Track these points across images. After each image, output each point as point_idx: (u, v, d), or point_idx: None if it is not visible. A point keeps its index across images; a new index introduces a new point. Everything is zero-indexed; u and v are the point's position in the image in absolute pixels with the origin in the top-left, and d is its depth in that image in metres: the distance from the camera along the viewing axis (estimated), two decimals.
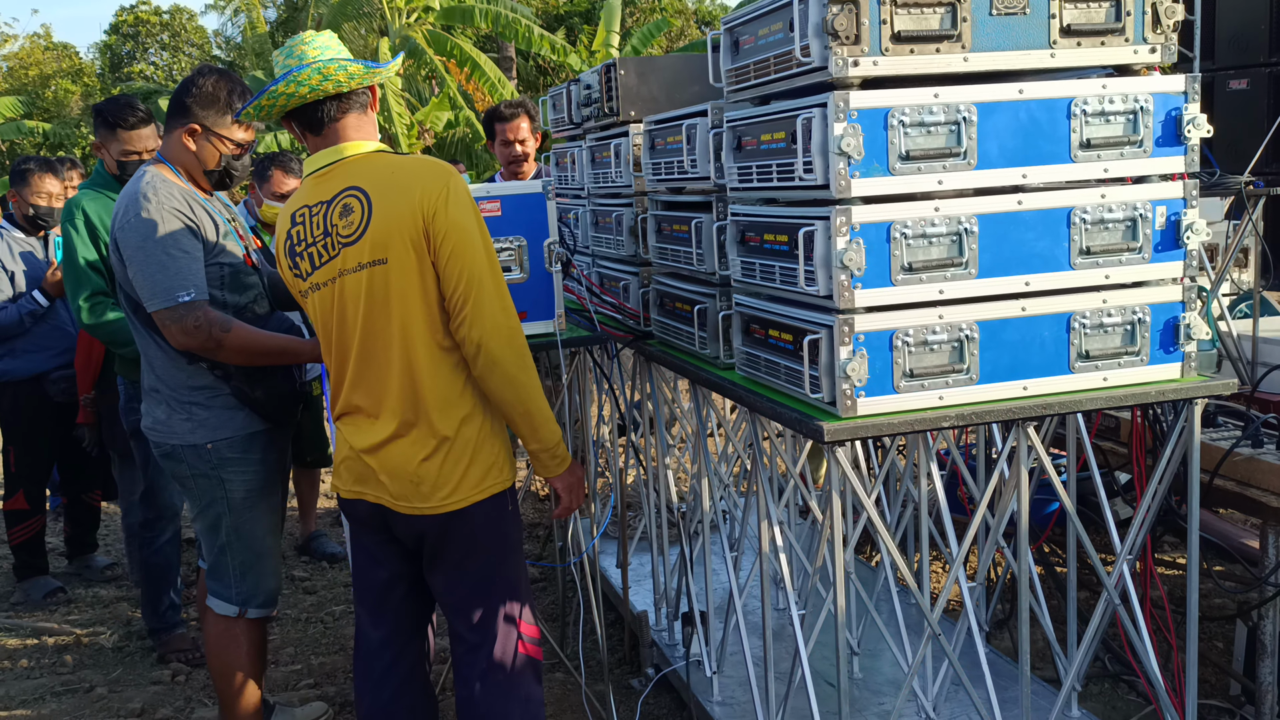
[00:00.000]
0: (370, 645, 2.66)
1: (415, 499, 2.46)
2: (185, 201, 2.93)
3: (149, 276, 2.84)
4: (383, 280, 2.38)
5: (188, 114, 3.01)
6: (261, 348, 2.94)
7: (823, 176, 2.18)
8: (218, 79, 3.03)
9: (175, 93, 3.07)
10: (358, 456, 2.50)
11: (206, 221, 2.96)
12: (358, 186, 2.41)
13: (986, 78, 2.25)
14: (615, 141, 3.42)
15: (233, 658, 3.11)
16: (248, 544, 3.07)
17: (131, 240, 2.85)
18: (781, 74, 2.33)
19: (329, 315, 2.47)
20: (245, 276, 3.04)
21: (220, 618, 3.11)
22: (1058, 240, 2.30)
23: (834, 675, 3.29)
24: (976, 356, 2.27)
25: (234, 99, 3.03)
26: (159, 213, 2.86)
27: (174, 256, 2.84)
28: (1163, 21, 2.30)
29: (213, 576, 3.11)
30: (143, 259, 2.84)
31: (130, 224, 2.86)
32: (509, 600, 2.57)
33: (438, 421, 2.43)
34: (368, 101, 2.51)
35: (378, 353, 2.44)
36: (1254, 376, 3.53)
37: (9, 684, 4.02)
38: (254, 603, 3.11)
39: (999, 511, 2.60)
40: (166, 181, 2.95)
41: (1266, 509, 2.96)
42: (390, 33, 18.79)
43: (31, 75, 28.17)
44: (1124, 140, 2.31)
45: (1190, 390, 2.38)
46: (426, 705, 2.70)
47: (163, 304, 2.83)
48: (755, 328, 2.57)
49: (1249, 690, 3.26)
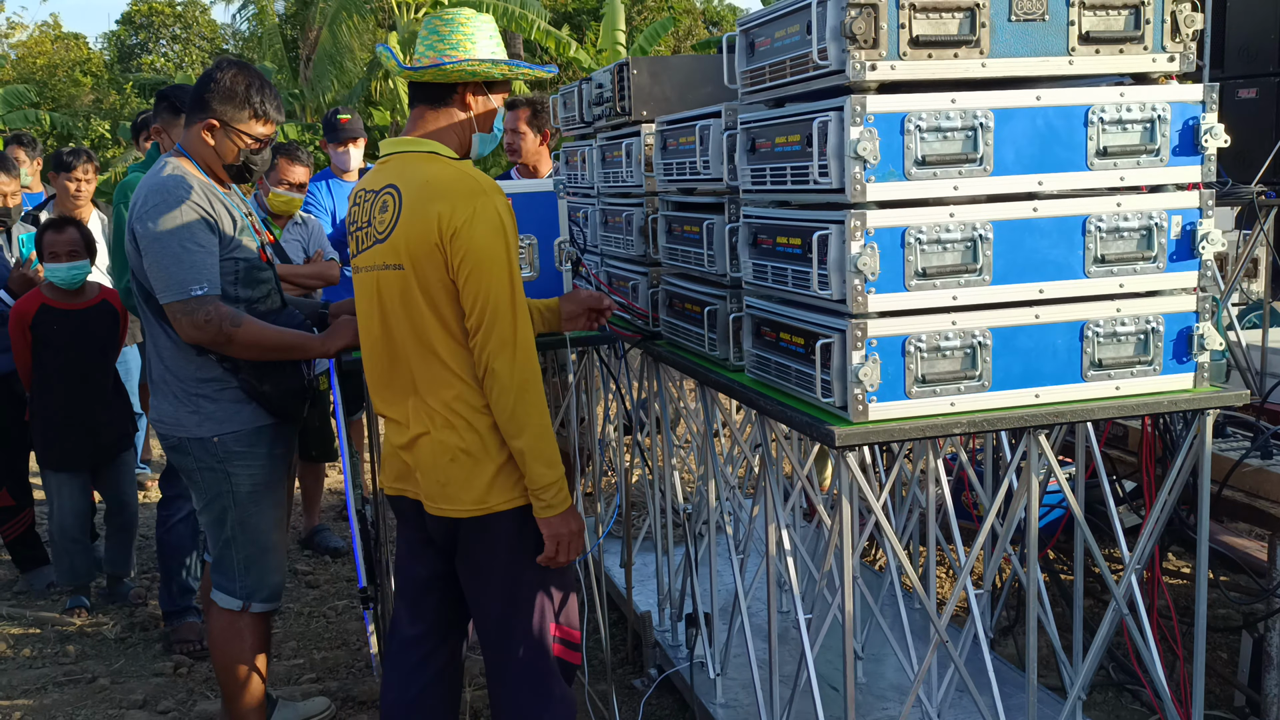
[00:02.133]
0: (404, 639, 2.66)
1: (442, 500, 2.45)
2: (204, 195, 2.93)
3: (163, 268, 2.84)
4: (401, 285, 2.39)
5: (206, 109, 2.99)
6: (271, 343, 2.94)
7: (838, 180, 2.18)
8: (236, 73, 3.01)
9: (195, 86, 3.06)
10: (396, 452, 2.52)
11: (224, 215, 2.96)
12: (396, 186, 2.42)
13: (1004, 84, 2.24)
14: (627, 141, 3.42)
15: (237, 651, 3.11)
16: (253, 538, 3.07)
17: (148, 231, 2.85)
18: (798, 76, 2.32)
19: (366, 303, 2.52)
20: (259, 272, 3.04)
21: (224, 611, 3.11)
22: (1072, 248, 2.29)
23: (838, 679, 3.28)
24: (989, 363, 2.26)
25: (252, 94, 3.00)
26: (177, 205, 2.86)
27: (189, 250, 2.84)
28: (1182, 30, 2.29)
29: (217, 570, 3.11)
30: (158, 250, 2.85)
31: (148, 214, 2.86)
32: (536, 603, 2.52)
33: (460, 427, 2.40)
34: (449, 98, 2.47)
35: (399, 353, 2.45)
36: (1263, 387, 3.52)
37: (11, 673, 4.02)
38: (258, 597, 3.11)
39: (1008, 519, 2.59)
40: (187, 174, 2.95)
41: (1275, 520, 2.96)
42: (398, 27, 18.80)
43: (40, 64, 28.17)
44: (1141, 149, 2.30)
45: (1203, 401, 2.37)
46: (450, 705, 2.69)
47: (175, 296, 2.84)
48: (766, 330, 2.57)
49: (1253, 702, 3.26)
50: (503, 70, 2.46)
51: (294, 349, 2.99)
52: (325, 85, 19.76)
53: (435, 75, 2.44)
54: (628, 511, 3.69)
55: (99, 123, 21.07)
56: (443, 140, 2.48)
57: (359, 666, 4.01)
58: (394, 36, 18.15)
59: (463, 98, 2.48)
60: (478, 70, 2.43)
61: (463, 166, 2.44)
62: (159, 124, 4.00)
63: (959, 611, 4.14)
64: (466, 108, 2.49)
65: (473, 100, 2.49)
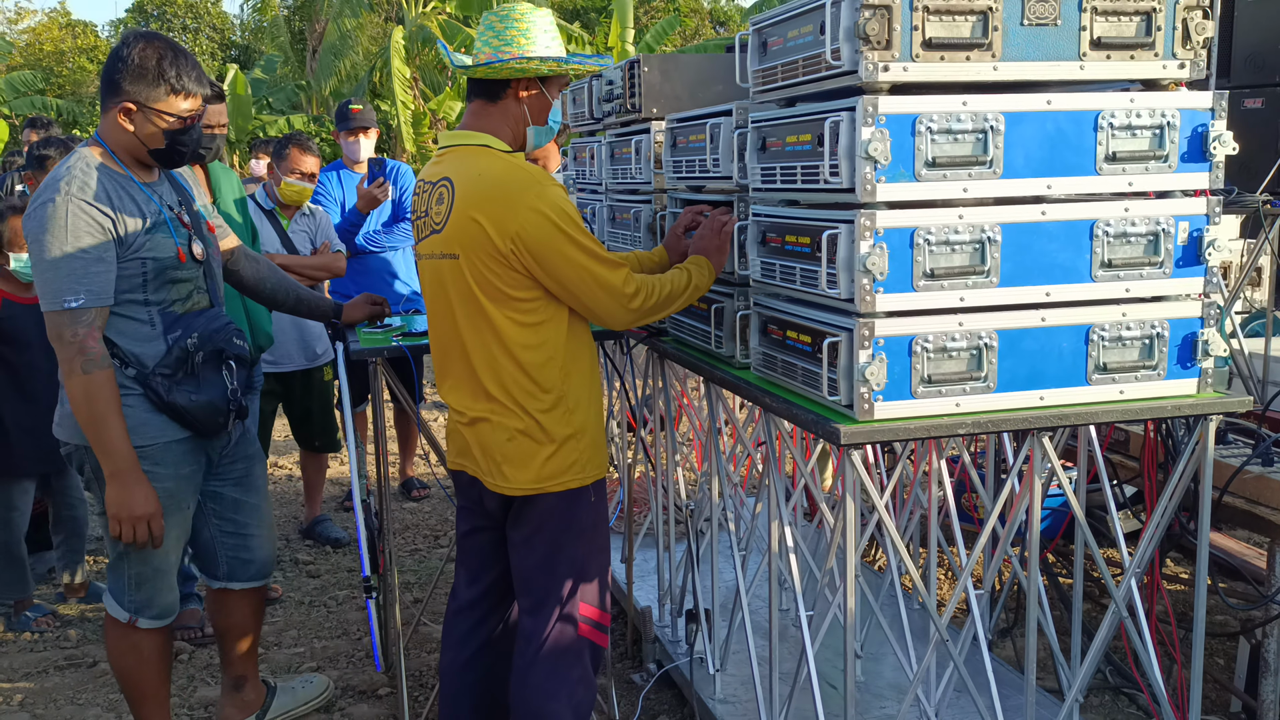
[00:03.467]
0: (461, 603, 2.82)
1: (499, 478, 2.58)
2: (107, 192, 2.67)
3: (41, 273, 2.63)
4: (455, 274, 2.51)
5: (119, 91, 2.71)
6: (91, 414, 2.64)
7: (849, 180, 2.19)
8: (144, 46, 2.71)
9: (104, 67, 2.76)
10: (459, 429, 2.65)
11: (129, 215, 2.70)
12: (450, 180, 2.52)
13: (1015, 87, 2.25)
14: (636, 138, 3.43)
15: (133, 665, 2.97)
16: (145, 557, 2.86)
17: (31, 230, 2.63)
18: (810, 76, 2.33)
19: (431, 289, 2.63)
20: (174, 272, 2.79)
21: (115, 621, 2.95)
22: (1080, 252, 2.31)
23: (837, 677, 3.30)
24: (995, 365, 2.27)
25: (165, 66, 2.70)
26: (66, 205, 2.61)
27: (71, 256, 2.60)
28: (1193, 38, 2.30)
29: (110, 573, 2.94)
30: (38, 253, 2.62)
31: (33, 214, 2.63)
32: (572, 582, 2.65)
33: (515, 410, 2.53)
34: (503, 93, 2.56)
35: (460, 338, 2.55)
36: (1264, 395, 3.54)
37: (12, 656, 4.04)
38: (146, 614, 2.93)
39: (1010, 521, 2.61)
40: (89, 169, 2.68)
41: (1274, 527, 2.97)
42: (406, 21, 18.80)
43: (47, 51, 28.19)
44: (1149, 154, 2.31)
45: (1206, 406, 2.39)
46: (500, 671, 2.80)
47: (49, 306, 2.62)
48: (773, 328, 2.58)
49: (1250, 708, 3.27)
50: (551, 66, 2.54)
51: (100, 437, 2.66)
52: (329, 76, 19.76)
53: (487, 72, 2.54)
54: (629, 507, 3.70)
55: None
56: (497, 134, 2.58)
57: (359, 656, 4.03)
58: (399, 31, 18.15)
59: (515, 93, 2.57)
60: (527, 67, 2.52)
61: (514, 159, 2.54)
62: None
63: (958, 612, 4.15)
64: (520, 102, 2.58)
65: (525, 95, 2.58)
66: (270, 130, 18.81)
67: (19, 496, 4.26)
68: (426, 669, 3.82)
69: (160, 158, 2.81)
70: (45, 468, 4.29)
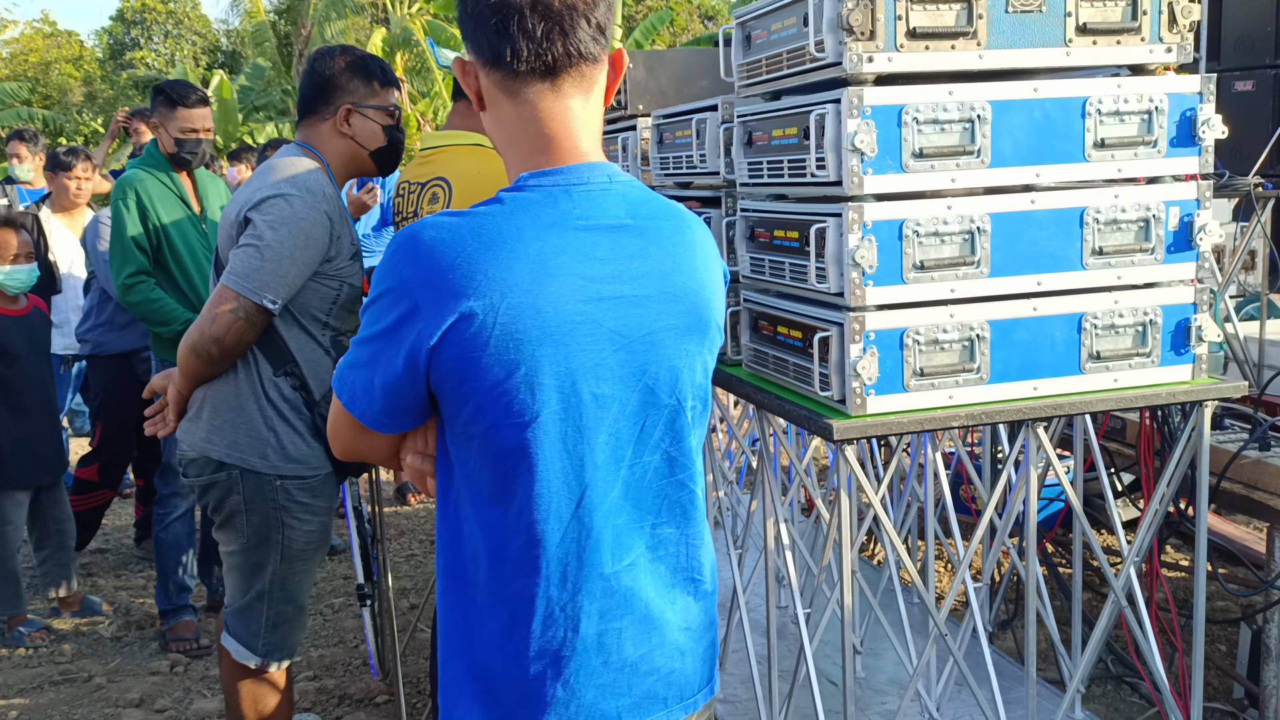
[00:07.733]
0: None
1: None
2: (337, 209, 2.59)
3: (250, 257, 2.47)
4: None
5: (330, 98, 2.63)
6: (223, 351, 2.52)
7: (835, 173, 2.17)
8: (339, 55, 2.67)
9: (303, 85, 2.70)
10: None
11: (343, 238, 2.62)
12: (444, 179, 2.49)
13: (1001, 75, 2.23)
14: (623, 135, 3.41)
15: (261, 712, 2.75)
16: (290, 596, 2.69)
17: (266, 219, 2.48)
18: (795, 69, 2.31)
19: None
20: (357, 304, 2.69)
21: (241, 666, 2.71)
22: (1070, 240, 2.29)
23: (836, 674, 3.28)
24: (987, 356, 2.25)
25: (368, 63, 2.67)
26: (309, 210, 2.51)
27: (293, 261, 2.49)
28: (1179, 21, 2.28)
29: (237, 619, 2.69)
30: (257, 235, 2.48)
31: (268, 204, 2.48)
32: None
33: None
34: None
35: None
36: (1260, 379, 3.52)
37: (7, 672, 4.01)
38: (277, 656, 2.71)
39: (1007, 512, 2.59)
40: (324, 180, 2.57)
41: (1273, 512, 2.96)
42: (390, 22, 18.75)
43: (32, 61, 28.08)
44: (1138, 140, 2.29)
45: (1201, 392, 2.37)
46: None
47: (243, 289, 2.46)
48: (764, 324, 2.56)
49: (1252, 694, 3.26)
50: None
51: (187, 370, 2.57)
52: None
53: None
54: None
55: (91, 118, 21.01)
56: (479, 130, 2.54)
57: (355, 664, 4.00)
58: (381, 32, 18.10)
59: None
60: None
61: None
62: (156, 118, 3.98)
63: (958, 605, 4.14)
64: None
65: None
66: (259, 136, 18.74)
67: (12, 510, 4.21)
68: (424, 675, 3.80)
69: (381, 159, 2.71)
70: (38, 480, 4.26)
